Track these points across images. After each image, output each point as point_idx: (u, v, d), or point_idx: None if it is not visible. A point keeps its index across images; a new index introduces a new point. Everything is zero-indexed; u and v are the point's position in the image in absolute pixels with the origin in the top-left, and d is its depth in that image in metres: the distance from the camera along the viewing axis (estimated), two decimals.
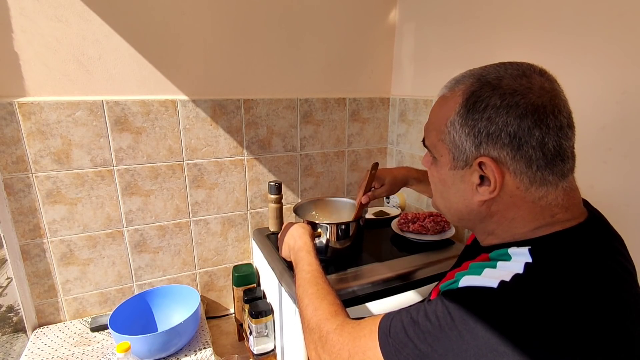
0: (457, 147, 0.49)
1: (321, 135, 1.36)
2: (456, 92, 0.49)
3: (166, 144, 1.13)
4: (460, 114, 0.48)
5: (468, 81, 0.48)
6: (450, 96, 0.50)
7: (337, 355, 0.52)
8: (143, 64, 1.07)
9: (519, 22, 0.94)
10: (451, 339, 0.40)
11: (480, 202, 0.49)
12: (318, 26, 1.27)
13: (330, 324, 0.56)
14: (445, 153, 0.51)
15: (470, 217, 0.53)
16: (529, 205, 0.47)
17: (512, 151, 0.45)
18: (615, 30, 0.75)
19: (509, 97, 0.44)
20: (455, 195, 0.53)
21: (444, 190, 0.55)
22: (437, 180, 0.56)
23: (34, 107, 0.97)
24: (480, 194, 0.49)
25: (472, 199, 0.50)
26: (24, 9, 0.92)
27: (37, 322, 1.10)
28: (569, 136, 0.46)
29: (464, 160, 0.49)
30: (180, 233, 1.22)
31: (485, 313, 0.40)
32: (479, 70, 0.49)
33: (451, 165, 0.51)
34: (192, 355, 1.00)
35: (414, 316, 0.45)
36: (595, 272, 0.43)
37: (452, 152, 0.50)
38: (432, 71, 1.27)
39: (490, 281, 0.42)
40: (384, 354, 0.46)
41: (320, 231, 0.97)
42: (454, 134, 0.49)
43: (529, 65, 0.47)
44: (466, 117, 0.47)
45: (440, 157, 0.53)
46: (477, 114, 0.46)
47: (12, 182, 0.99)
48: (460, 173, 0.50)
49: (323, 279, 0.68)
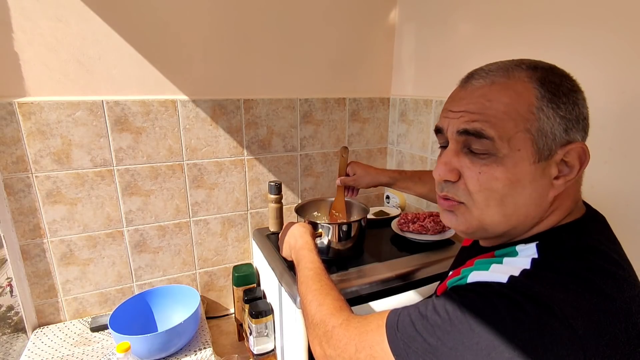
0: (545, 136, 0.44)
1: (321, 135, 1.36)
2: (518, 78, 0.45)
3: (166, 144, 1.13)
4: (547, 99, 0.44)
5: (524, 68, 0.46)
6: (512, 83, 0.45)
7: (343, 350, 0.51)
8: (143, 64, 1.07)
9: (519, 23, 0.94)
10: (462, 332, 0.40)
11: (553, 197, 0.46)
12: (318, 26, 1.27)
13: (336, 319, 0.56)
14: (527, 145, 0.44)
15: (526, 221, 0.47)
16: (571, 193, 0.49)
17: (585, 135, 0.47)
18: (615, 30, 0.75)
19: (572, 81, 0.46)
20: (531, 196, 0.45)
21: (511, 193, 0.45)
22: (501, 185, 0.45)
23: (34, 107, 0.97)
24: (556, 187, 0.45)
25: (547, 196, 0.46)
26: (24, 9, 0.92)
27: (37, 322, 1.10)
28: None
29: (549, 149, 0.44)
30: (180, 233, 1.22)
31: (497, 306, 0.40)
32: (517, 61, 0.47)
33: (535, 158, 0.44)
34: (192, 355, 1.00)
35: (422, 311, 0.45)
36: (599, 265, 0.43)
37: (536, 142, 0.44)
38: (432, 71, 1.27)
39: (499, 276, 0.42)
40: (392, 348, 0.45)
41: (321, 231, 0.97)
42: (543, 121, 0.43)
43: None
44: (556, 102, 0.44)
45: (516, 151, 0.44)
46: (564, 97, 0.44)
47: (12, 182, 0.99)
48: (542, 166, 0.44)
49: (326, 275, 0.68)
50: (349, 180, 1.04)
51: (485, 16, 1.04)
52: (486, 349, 0.38)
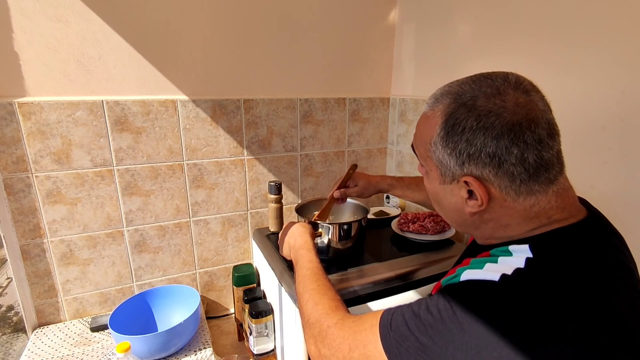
0: (443, 165, 0.51)
1: (321, 135, 1.36)
2: (436, 111, 0.51)
3: (166, 144, 1.13)
4: (440, 136, 0.49)
5: (446, 101, 0.50)
6: (431, 115, 0.52)
7: (337, 349, 0.52)
8: (143, 64, 1.07)
9: (518, 23, 0.94)
10: (452, 331, 0.41)
11: (471, 213, 0.51)
12: (318, 26, 1.27)
13: (331, 319, 0.56)
14: (434, 169, 0.53)
15: (466, 224, 0.55)
16: (521, 213, 0.48)
17: (494, 169, 0.46)
18: (615, 30, 0.75)
19: (484, 118, 0.45)
20: (449, 206, 0.55)
21: (438, 200, 0.57)
22: (431, 191, 0.58)
23: (34, 107, 0.97)
24: (470, 206, 0.50)
25: (463, 210, 0.52)
26: (24, 9, 0.92)
27: (37, 322, 1.10)
28: (551, 145, 0.46)
29: (451, 176, 0.51)
30: (180, 233, 1.22)
31: (487, 305, 0.40)
32: (456, 88, 0.50)
33: (440, 180, 0.53)
34: (192, 355, 1.00)
35: (416, 310, 0.45)
36: (595, 267, 0.43)
37: (439, 168, 0.52)
38: (432, 71, 1.27)
39: (491, 275, 0.43)
40: (385, 346, 0.46)
41: (321, 231, 0.97)
42: (437, 153, 0.51)
43: (503, 78, 0.47)
44: (447, 140, 0.49)
45: (430, 171, 0.55)
46: (456, 136, 0.47)
47: (12, 182, 0.99)
48: (449, 187, 0.52)
49: (323, 275, 0.69)
50: (352, 192, 1.01)
51: (485, 16, 1.04)
52: (476, 347, 0.39)
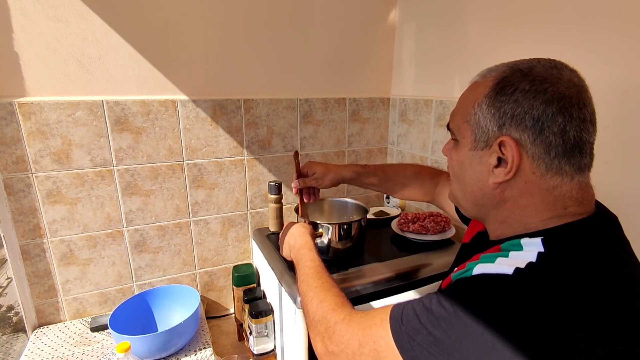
0: (480, 128, 0.50)
1: (321, 135, 1.36)
2: (487, 78, 0.50)
3: (166, 144, 1.13)
4: (488, 96, 0.49)
5: (501, 69, 0.50)
6: (482, 82, 0.51)
7: (346, 346, 0.51)
8: (143, 64, 1.06)
9: (520, 22, 0.94)
10: (467, 324, 0.40)
11: (495, 184, 0.50)
12: (318, 26, 1.26)
13: (338, 315, 0.56)
14: (468, 134, 0.52)
15: (483, 201, 0.53)
16: (543, 193, 0.48)
17: (534, 134, 0.46)
18: (618, 29, 0.75)
19: (538, 83, 0.46)
20: (472, 177, 0.53)
21: (461, 173, 0.55)
22: (455, 164, 0.56)
23: (34, 107, 0.97)
24: (496, 175, 0.49)
25: (487, 181, 0.51)
26: (24, 9, 0.92)
27: (37, 322, 1.10)
28: (590, 131, 0.47)
29: (485, 141, 0.50)
30: (180, 233, 1.22)
31: (502, 298, 0.40)
32: (512, 62, 0.50)
33: (471, 146, 0.52)
34: (192, 355, 1.00)
35: (427, 304, 0.45)
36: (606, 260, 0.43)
37: (474, 132, 0.51)
38: (432, 71, 1.27)
39: (504, 268, 0.42)
40: (397, 341, 0.45)
41: (321, 231, 0.97)
42: (479, 114, 0.50)
43: (561, 62, 0.49)
44: (494, 99, 0.48)
45: (462, 138, 0.54)
46: (505, 97, 0.47)
47: (12, 182, 0.99)
48: (479, 154, 0.51)
49: (326, 273, 0.68)
50: (309, 181, 0.95)
51: (485, 16, 1.04)
52: (490, 340, 0.38)
